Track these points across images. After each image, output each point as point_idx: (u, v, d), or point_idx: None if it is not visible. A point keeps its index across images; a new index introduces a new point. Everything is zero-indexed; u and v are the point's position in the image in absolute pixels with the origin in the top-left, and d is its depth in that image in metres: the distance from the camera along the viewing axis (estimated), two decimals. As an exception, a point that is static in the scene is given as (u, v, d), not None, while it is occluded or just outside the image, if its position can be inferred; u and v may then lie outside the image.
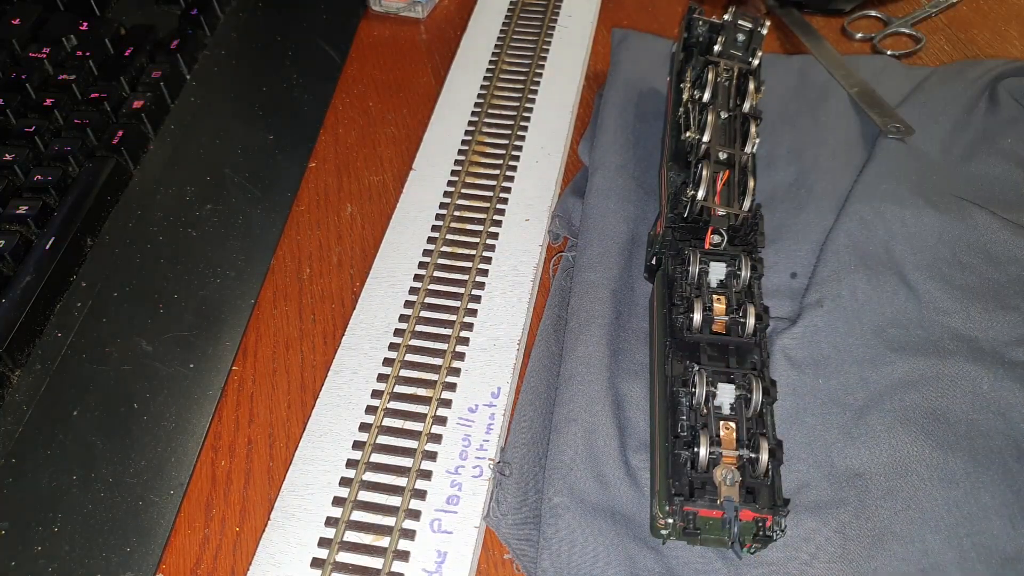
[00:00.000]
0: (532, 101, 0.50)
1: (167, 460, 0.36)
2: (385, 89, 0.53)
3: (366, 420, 0.37)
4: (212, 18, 0.55)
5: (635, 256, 0.42)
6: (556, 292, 0.42)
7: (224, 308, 0.41)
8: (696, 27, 0.44)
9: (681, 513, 0.30)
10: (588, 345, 0.38)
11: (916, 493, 0.34)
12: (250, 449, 0.37)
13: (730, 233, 0.37)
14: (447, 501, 0.34)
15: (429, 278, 0.42)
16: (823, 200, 0.44)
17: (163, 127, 0.49)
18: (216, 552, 0.34)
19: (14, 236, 0.41)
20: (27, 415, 0.37)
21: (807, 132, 0.48)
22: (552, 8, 0.56)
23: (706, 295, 0.35)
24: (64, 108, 0.48)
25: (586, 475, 0.34)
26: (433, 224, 0.44)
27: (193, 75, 0.52)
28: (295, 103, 0.51)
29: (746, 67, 0.41)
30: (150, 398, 0.38)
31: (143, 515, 0.34)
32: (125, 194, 0.46)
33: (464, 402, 0.37)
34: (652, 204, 0.44)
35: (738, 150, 0.38)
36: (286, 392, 0.39)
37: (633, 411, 0.37)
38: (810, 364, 0.38)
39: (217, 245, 0.44)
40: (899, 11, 0.55)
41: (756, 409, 0.32)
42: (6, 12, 0.53)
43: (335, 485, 0.35)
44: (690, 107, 0.41)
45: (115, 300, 0.41)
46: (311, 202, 0.47)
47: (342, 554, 0.33)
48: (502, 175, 0.46)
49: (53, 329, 0.40)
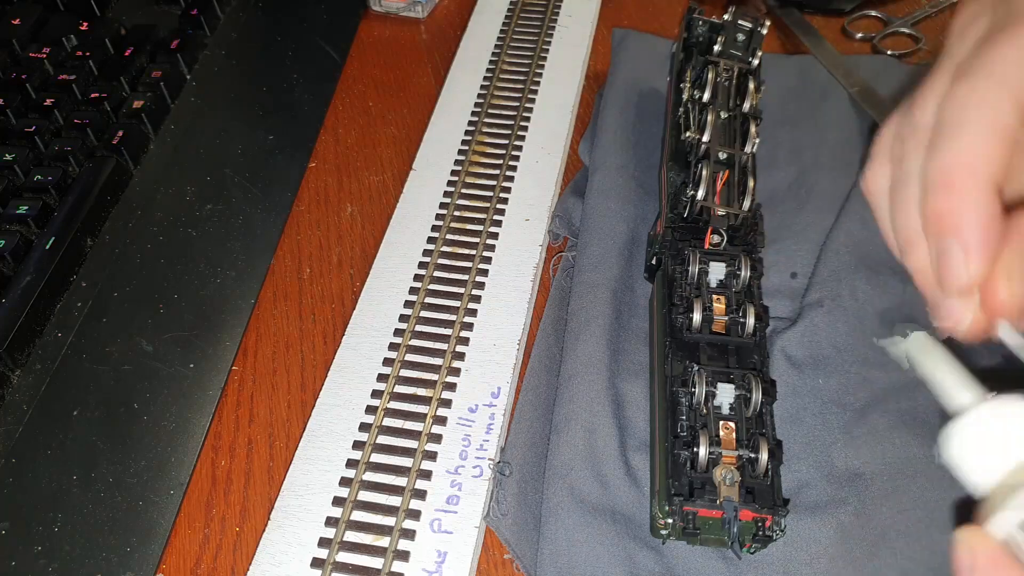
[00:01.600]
0: (532, 101, 0.50)
1: (167, 460, 0.36)
2: (385, 89, 0.53)
3: (366, 420, 0.37)
4: (212, 18, 0.55)
5: (635, 256, 0.42)
6: (556, 292, 0.42)
7: (224, 308, 0.41)
8: (696, 27, 0.44)
9: (681, 513, 0.30)
10: (588, 345, 0.38)
11: (916, 493, 0.34)
12: (250, 449, 0.37)
13: (730, 233, 0.37)
14: (447, 501, 0.34)
15: (429, 278, 0.42)
16: (823, 200, 0.44)
17: (163, 127, 0.49)
18: (216, 552, 0.35)
19: (14, 236, 0.41)
20: (27, 415, 0.37)
21: (807, 132, 0.48)
22: (552, 8, 0.56)
23: (706, 295, 0.35)
24: (64, 108, 0.48)
25: (586, 475, 0.34)
26: (433, 224, 0.44)
27: (193, 75, 0.52)
28: (295, 103, 0.51)
29: (746, 67, 0.41)
30: (150, 398, 0.38)
31: (143, 515, 0.34)
32: (125, 194, 0.46)
33: (464, 402, 0.37)
34: (652, 204, 0.44)
35: (738, 150, 0.38)
36: (286, 392, 0.39)
37: (633, 411, 0.37)
38: (810, 364, 0.38)
39: (217, 245, 0.44)
40: (899, 11, 0.55)
41: (756, 409, 0.32)
42: (6, 12, 0.53)
43: (335, 485, 0.35)
44: (690, 107, 0.41)
45: (115, 300, 0.41)
46: (311, 202, 0.47)
47: (342, 554, 0.33)
48: (502, 175, 0.46)
49: (53, 329, 0.40)
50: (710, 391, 0.32)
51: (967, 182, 0.25)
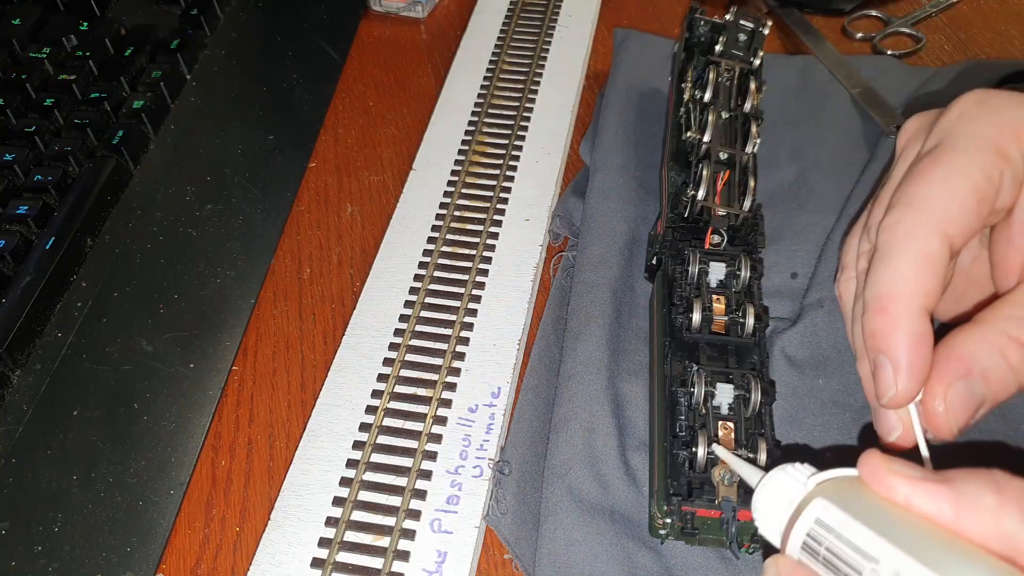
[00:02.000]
0: (532, 101, 0.50)
1: (167, 460, 0.36)
2: (385, 89, 0.53)
3: (366, 420, 0.37)
4: (212, 18, 0.55)
5: (635, 256, 0.42)
6: (556, 292, 0.42)
7: (224, 308, 0.41)
8: (698, 27, 0.44)
9: (679, 513, 0.30)
10: (588, 345, 0.38)
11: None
12: (250, 449, 0.37)
13: (730, 233, 0.37)
14: (447, 501, 0.34)
15: (429, 278, 0.42)
16: (824, 200, 0.44)
17: (163, 127, 0.49)
18: (216, 552, 0.35)
19: (14, 236, 0.41)
20: (27, 415, 0.37)
21: (808, 132, 0.47)
22: (552, 8, 0.56)
23: (706, 295, 0.35)
24: (64, 108, 0.48)
25: (585, 474, 0.34)
26: (433, 224, 0.44)
27: (193, 75, 0.52)
28: (295, 103, 0.51)
29: (747, 67, 0.41)
30: (150, 398, 0.38)
31: (143, 515, 0.34)
32: (125, 194, 0.46)
33: (464, 402, 0.37)
34: (653, 204, 0.44)
35: (739, 150, 0.38)
36: (286, 392, 0.39)
37: (633, 411, 0.37)
38: (810, 365, 0.38)
39: (217, 245, 0.44)
40: (899, 11, 0.55)
41: (755, 409, 0.32)
42: (6, 12, 0.53)
43: (335, 485, 0.35)
44: (691, 107, 0.41)
45: (115, 300, 0.41)
46: (311, 202, 0.47)
47: (342, 554, 0.33)
48: (502, 175, 0.46)
49: (53, 329, 0.40)
50: (709, 391, 0.32)
51: (898, 306, 0.28)
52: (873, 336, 0.28)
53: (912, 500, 0.22)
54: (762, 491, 0.25)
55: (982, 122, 0.29)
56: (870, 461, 0.23)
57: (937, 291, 0.28)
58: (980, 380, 0.27)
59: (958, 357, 0.27)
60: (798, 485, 0.24)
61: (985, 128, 0.29)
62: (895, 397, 0.27)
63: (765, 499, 0.25)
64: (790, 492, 0.24)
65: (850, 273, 0.34)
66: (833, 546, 0.22)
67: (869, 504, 0.23)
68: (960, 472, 0.22)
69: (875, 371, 0.28)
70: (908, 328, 0.27)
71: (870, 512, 0.22)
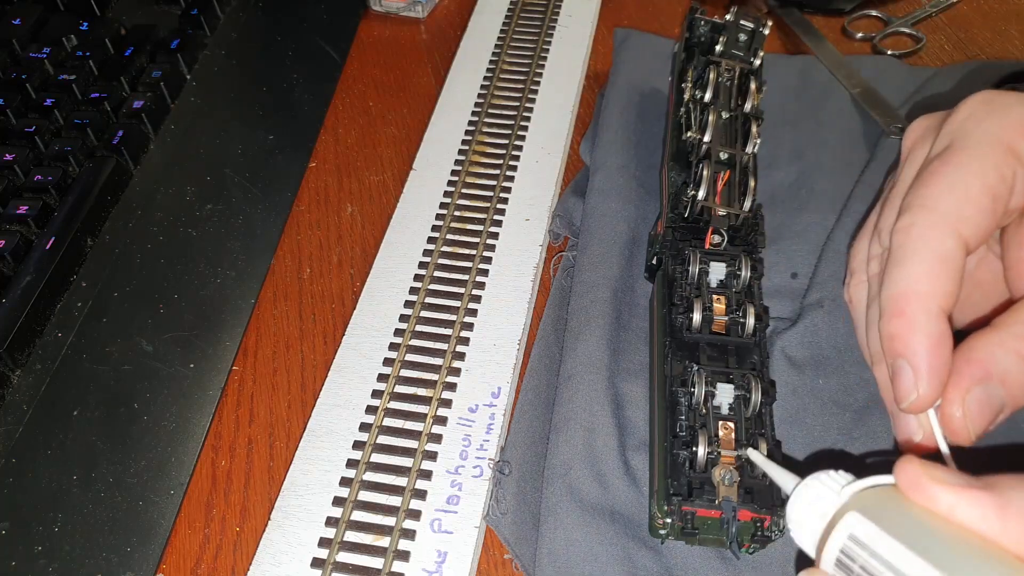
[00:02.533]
0: (532, 101, 0.50)
1: (167, 460, 0.36)
2: (385, 89, 0.53)
3: (366, 420, 0.37)
4: (212, 18, 0.55)
5: (636, 256, 0.42)
6: (556, 292, 0.42)
7: (224, 308, 0.41)
8: (698, 27, 0.44)
9: (679, 513, 0.30)
10: (588, 345, 0.38)
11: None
12: (250, 449, 0.37)
13: (730, 233, 0.37)
14: (447, 501, 0.34)
15: (429, 278, 0.42)
16: (824, 200, 0.44)
17: (163, 127, 0.49)
18: (216, 552, 0.35)
19: (14, 236, 0.41)
20: (27, 415, 0.37)
21: (809, 132, 0.47)
22: (552, 8, 0.56)
23: (706, 295, 0.35)
24: (64, 108, 0.48)
25: (585, 474, 0.34)
26: (433, 224, 0.44)
27: (193, 75, 0.52)
28: (295, 103, 0.51)
29: (748, 67, 0.41)
30: (150, 398, 0.38)
31: (143, 515, 0.34)
32: (125, 194, 0.46)
33: (464, 402, 0.37)
34: (653, 204, 0.44)
35: (739, 150, 0.38)
36: (286, 392, 0.39)
37: (633, 411, 0.37)
38: (810, 365, 0.38)
39: (217, 245, 0.44)
40: (899, 11, 0.55)
41: (755, 409, 0.32)
42: (6, 12, 0.53)
43: (335, 485, 0.35)
44: (691, 107, 0.41)
45: (115, 300, 0.41)
46: (311, 202, 0.47)
47: (342, 554, 0.33)
48: (502, 175, 0.46)
49: (53, 329, 0.40)
50: (709, 391, 0.32)
51: (915, 308, 0.27)
52: (891, 340, 0.28)
53: (955, 510, 0.21)
54: (796, 501, 0.25)
55: (991, 122, 0.29)
56: (908, 468, 0.22)
57: (954, 292, 0.28)
58: (999, 385, 0.27)
59: (976, 361, 0.27)
60: (832, 495, 0.24)
61: (995, 128, 0.29)
62: (916, 401, 0.27)
63: (799, 509, 0.24)
64: (824, 503, 0.24)
65: (860, 277, 0.33)
66: (868, 564, 0.21)
67: (906, 517, 0.22)
68: (1004, 478, 0.21)
69: (894, 375, 0.28)
70: (927, 330, 0.27)
71: (907, 526, 0.21)
